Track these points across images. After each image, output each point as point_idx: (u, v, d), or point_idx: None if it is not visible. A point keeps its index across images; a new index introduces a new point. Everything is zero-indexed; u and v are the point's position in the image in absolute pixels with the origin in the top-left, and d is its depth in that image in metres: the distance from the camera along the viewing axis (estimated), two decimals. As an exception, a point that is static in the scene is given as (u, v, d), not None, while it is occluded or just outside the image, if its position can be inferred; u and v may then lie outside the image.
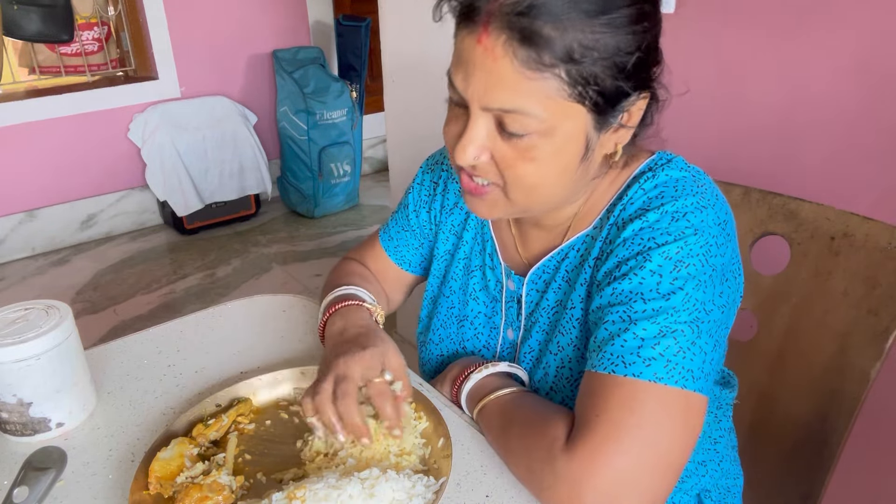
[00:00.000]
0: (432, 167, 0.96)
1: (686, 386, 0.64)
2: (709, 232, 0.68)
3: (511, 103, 0.63)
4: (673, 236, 0.67)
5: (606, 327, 0.68)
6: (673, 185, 0.70)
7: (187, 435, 0.76)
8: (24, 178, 3.05)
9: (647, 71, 0.67)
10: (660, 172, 0.72)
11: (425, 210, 0.95)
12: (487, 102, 0.64)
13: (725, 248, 0.70)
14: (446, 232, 0.93)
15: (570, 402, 0.76)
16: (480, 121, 0.66)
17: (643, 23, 0.64)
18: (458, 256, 0.91)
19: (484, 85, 0.64)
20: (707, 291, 0.67)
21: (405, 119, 2.01)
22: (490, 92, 0.64)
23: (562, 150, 0.66)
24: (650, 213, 0.69)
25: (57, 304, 0.81)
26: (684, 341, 0.65)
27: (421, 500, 0.65)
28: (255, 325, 1.02)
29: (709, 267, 0.67)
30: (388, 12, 1.92)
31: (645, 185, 0.72)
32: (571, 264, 0.78)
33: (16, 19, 2.61)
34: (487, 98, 0.64)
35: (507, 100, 0.63)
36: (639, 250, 0.68)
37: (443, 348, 0.93)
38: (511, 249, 0.86)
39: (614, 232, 0.73)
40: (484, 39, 0.62)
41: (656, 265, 0.67)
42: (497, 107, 0.64)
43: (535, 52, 0.61)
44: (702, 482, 0.86)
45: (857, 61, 1.13)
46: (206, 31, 3.32)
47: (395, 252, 0.99)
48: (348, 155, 3.47)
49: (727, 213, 0.72)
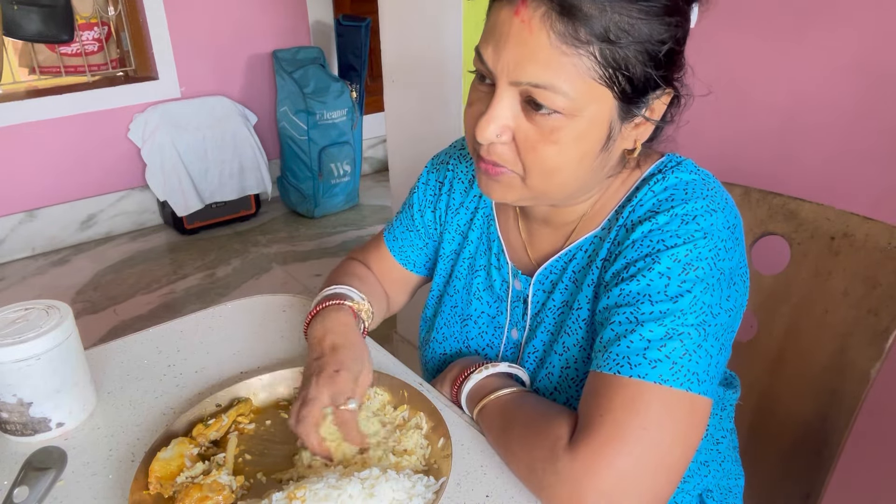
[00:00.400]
0: (437, 167, 0.96)
1: (691, 389, 0.64)
2: (718, 235, 0.68)
3: (542, 78, 0.63)
4: (682, 239, 0.67)
5: (613, 328, 0.68)
6: (683, 187, 0.70)
7: (187, 435, 0.76)
8: (24, 178, 3.05)
9: (673, 67, 0.68)
10: (669, 175, 0.72)
11: (430, 210, 0.95)
12: (518, 76, 0.64)
13: (734, 252, 0.69)
14: (452, 232, 0.93)
15: (575, 402, 0.76)
16: (507, 96, 0.66)
17: (676, 16, 0.64)
18: (463, 256, 0.91)
19: (516, 58, 0.63)
20: (715, 295, 0.67)
21: (405, 119, 2.01)
22: (522, 65, 0.63)
23: (585, 135, 0.66)
24: (660, 216, 0.69)
25: (57, 304, 0.81)
26: (691, 344, 0.65)
27: (421, 500, 0.65)
28: (255, 325, 1.02)
29: (717, 270, 0.67)
30: (388, 12, 1.92)
31: (655, 187, 0.72)
32: (579, 265, 0.78)
33: (16, 19, 2.61)
34: (518, 71, 0.64)
35: (538, 74, 0.63)
36: (647, 252, 0.68)
37: (446, 347, 0.93)
38: (518, 249, 0.86)
39: (623, 233, 0.73)
40: (522, 11, 0.62)
41: (665, 267, 0.66)
42: (527, 80, 0.64)
43: (572, 27, 0.61)
44: (704, 482, 0.86)
45: (857, 62, 1.13)
46: (206, 31, 3.32)
47: (400, 252, 0.99)
48: (348, 155, 3.47)
49: (736, 216, 0.72)
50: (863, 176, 1.17)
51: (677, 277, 0.66)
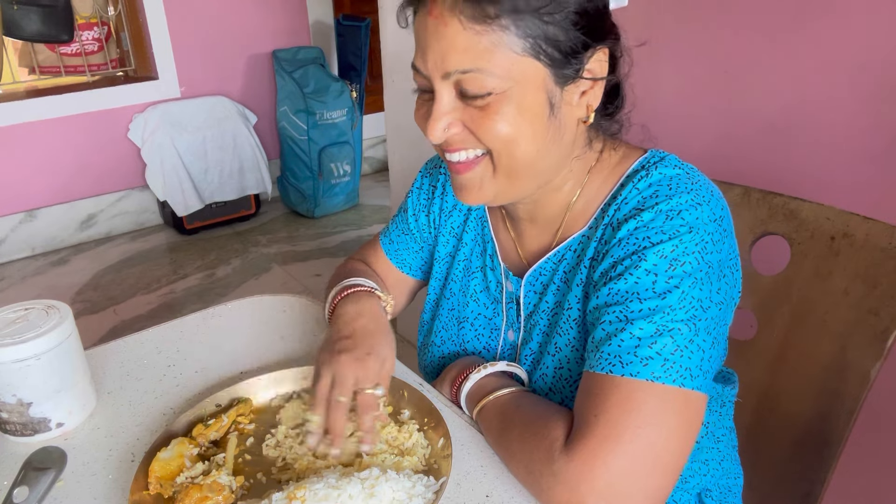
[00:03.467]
0: (430, 171, 0.96)
1: (685, 384, 0.64)
2: (704, 229, 0.68)
3: (465, 63, 0.65)
4: (668, 235, 0.67)
5: (603, 327, 0.68)
6: (667, 183, 0.70)
7: (187, 435, 0.76)
8: (24, 178, 3.05)
9: (599, 22, 0.69)
10: (653, 171, 0.72)
11: (424, 214, 0.96)
12: (445, 67, 0.67)
13: (722, 245, 0.69)
14: (446, 234, 0.93)
15: (570, 402, 0.76)
16: (444, 92, 0.68)
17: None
18: (458, 258, 0.91)
19: (439, 52, 0.66)
20: (703, 289, 0.67)
21: (405, 119, 2.01)
22: (445, 57, 0.66)
23: (524, 107, 0.67)
24: (645, 213, 0.69)
25: (57, 304, 0.81)
26: (681, 339, 0.65)
27: (421, 500, 0.65)
28: (255, 325, 1.02)
29: (705, 264, 0.67)
30: (388, 12, 1.92)
31: (639, 184, 0.72)
32: (568, 265, 0.78)
33: (16, 19, 2.62)
34: (444, 64, 0.66)
35: (461, 61, 0.65)
36: (634, 250, 0.68)
37: (444, 350, 0.94)
38: (510, 251, 0.86)
39: (609, 232, 0.73)
40: (434, 10, 0.65)
41: (651, 264, 0.67)
42: (454, 69, 0.66)
43: (479, 7, 0.63)
44: (703, 481, 0.86)
45: (857, 61, 1.13)
46: (206, 31, 3.32)
47: (396, 255, 0.99)
48: (348, 155, 3.47)
49: (723, 208, 0.71)
50: (863, 176, 1.17)
51: (664, 273, 0.66)
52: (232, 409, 0.80)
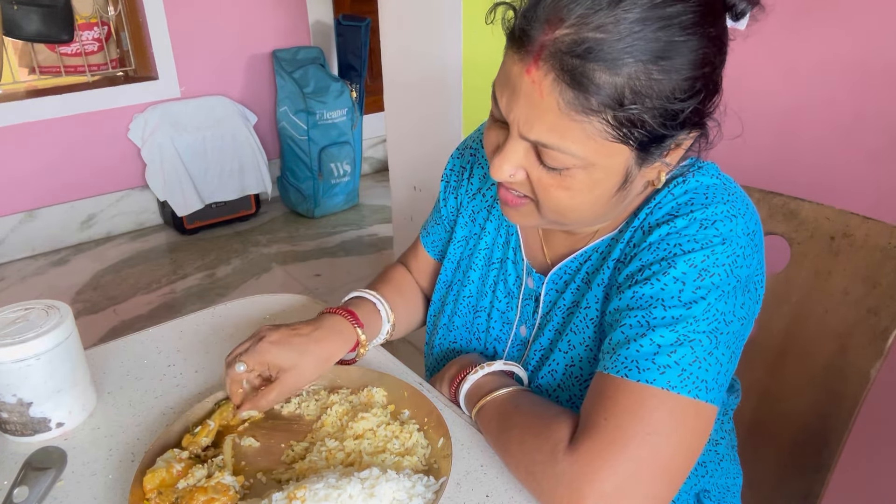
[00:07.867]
0: (462, 152, 0.95)
1: (699, 396, 0.63)
2: (737, 242, 0.67)
3: (551, 140, 0.62)
4: (700, 244, 0.66)
5: (623, 330, 0.67)
6: (704, 191, 0.69)
7: (177, 446, 0.75)
8: (24, 178, 3.05)
9: (700, 111, 0.64)
10: (690, 178, 0.70)
11: (453, 196, 0.95)
12: (527, 133, 0.63)
13: (752, 259, 0.68)
14: (465, 216, 0.93)
15: (577, 400, 0.76)
16: (519, 147, 0.65)
17: (704, 68, 0.61)
18: (479, 247, 0.90)
19: (526, 115, 0.62)
20: (729, 302, 0.66)
21: (405, 119, 2.01)
22: (531, 123, 0.62)
23: (598, 183, 0.65)
24: (678, 219, 0.68)
25: (57, 304, 0.81)
26: (701, 351, 0.64)
27: (421, 500, 0.65)
28: (255, 325, 1.02)
29: (733, 278, 0.66)
30: (388, 12, 1.92)
31: (675, 190, 0.70)
32: (592, 266, 0.78)
33: (16, 19, 2.61)
34: (527, 128, 0.63)
35: (547, 136, 0.62)
36: (664, 256, 0.67)
37: (455, 336, 0.92)
38: (535, 247, 0.85)
39: (639, 235, 0.72)
40: (532, 72, 0.60)
41: (680, 272, 0.66)
42: (535, 139, 0.63)
43: (583, 96, 0.58)
44: (701, 482, 0.85)
45: (858, 60, 1.13)
46: (206, 31, 3.32)
47: (432, 246, 1.00)
48: (348, 155, 3.47)
49: (757, 223, 0.71)
50: (863, 176, 1.17)
51: (692, 283, 0.65)
52: (215, 413, 0.79)
